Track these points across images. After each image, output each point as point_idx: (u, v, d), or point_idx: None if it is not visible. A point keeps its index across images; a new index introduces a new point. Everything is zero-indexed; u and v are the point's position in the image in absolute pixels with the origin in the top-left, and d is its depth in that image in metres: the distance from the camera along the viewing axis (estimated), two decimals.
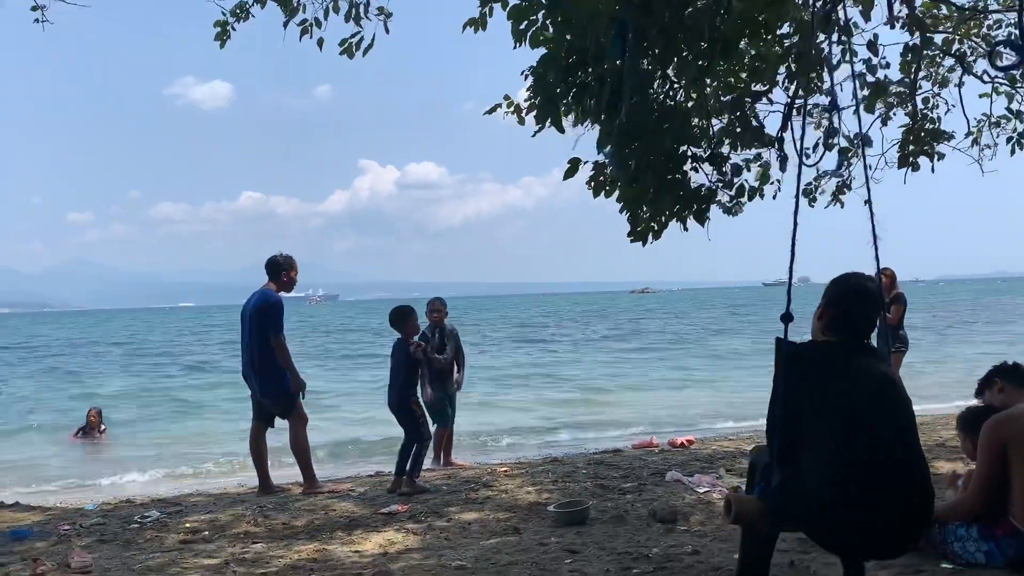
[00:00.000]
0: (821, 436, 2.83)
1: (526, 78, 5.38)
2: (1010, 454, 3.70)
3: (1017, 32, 4.18)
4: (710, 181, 5.72)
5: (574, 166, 5.28)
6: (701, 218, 5.56)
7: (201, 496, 7.36)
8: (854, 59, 6.11)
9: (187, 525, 5.96)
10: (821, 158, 5.96)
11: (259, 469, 7.25)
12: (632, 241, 5.65)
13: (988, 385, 4.23)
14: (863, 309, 3.05)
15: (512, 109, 5.99)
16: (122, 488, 8.84)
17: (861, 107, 5.50)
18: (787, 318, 2.95)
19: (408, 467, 6.81)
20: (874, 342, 3.31)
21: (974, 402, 4.47)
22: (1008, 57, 5.33)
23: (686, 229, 5.61)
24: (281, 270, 7.32)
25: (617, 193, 5.43)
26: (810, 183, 8.07)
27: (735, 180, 5.77)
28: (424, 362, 7.23)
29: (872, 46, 6.10)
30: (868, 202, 3.25)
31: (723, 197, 5.76)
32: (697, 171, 5.67)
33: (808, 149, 6.16)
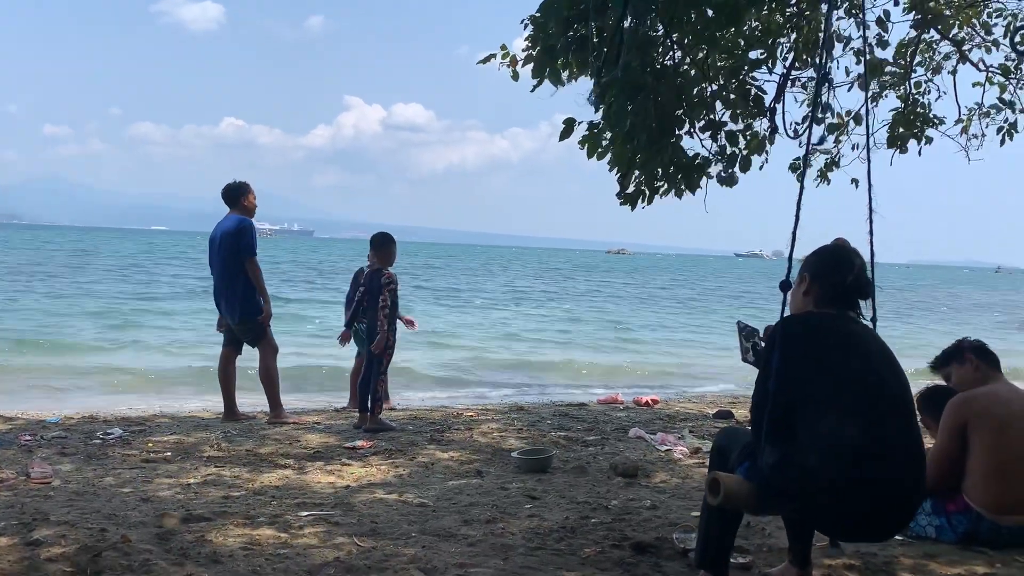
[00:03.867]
0: (823, 412, 2.67)
1: (525, 27, 5.26)
2: (970, 433, 3.79)
3: None
4: (705, 148, 5.65)
5: (569, 126, 5.17)
6: (693, 186, 5.49)
7: (166, 418, 7.36)
8: (858, 35, 6.08)
9: (151, 445, 5.97)
10: (808, 129, 5.95)
11: (225, 395, 7.24)
12: (621, 204, 5.56)
13: (958, 359, 4.15)
14: (855, 279, 2.94)
15: (508, 60, 5.82)
16: (84, 403, 8.80)
17: (858, 84, 5.51)
18: (786, 286, 2.89)
19: (369, 404, 6.84)
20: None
21: (931, 381, 4.49)
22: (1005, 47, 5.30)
23: (680, 197, 5.53)
24: (240, 195, 7.27)
25: (607, 159, 5.34)
26: (797, 157, 8.07)
27: (730, 149, 5.70)
28: (393, 295, 7.01)
29: (882, 22, 6.05)
30: (868, 177, 3.24)
31: (717, 167, 5.68)
32: (692, 136, 5.60)
33: (797, 123, 6.15)
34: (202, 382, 9.84)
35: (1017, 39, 3.81)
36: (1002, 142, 8.09)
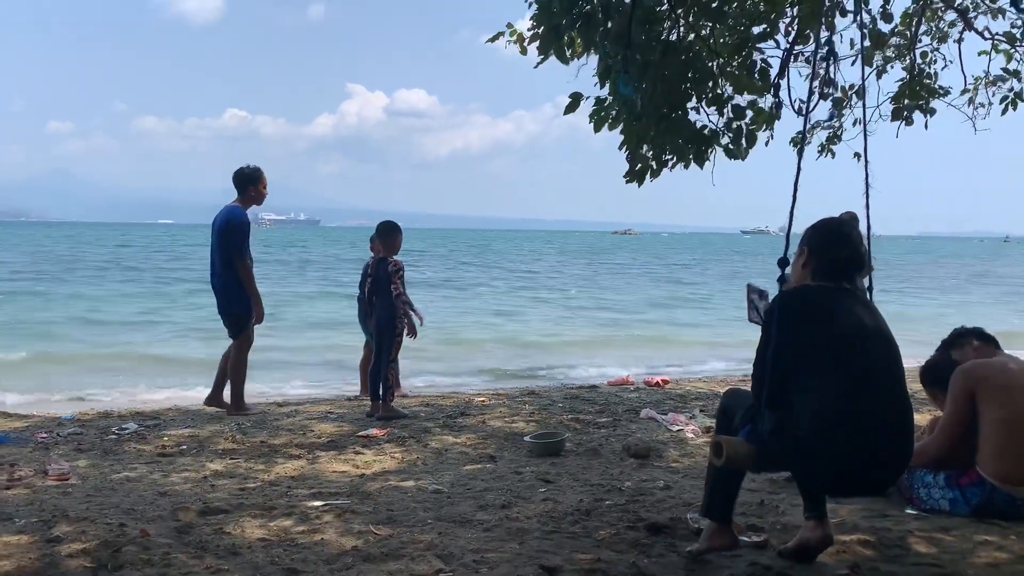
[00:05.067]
0: (817, 379, 2.85)
1: (530, 6, 5.26)
2: (979, 403, 3.80)
3: None
4: (712, 123, 5.66)
5: (575, 101, 5.18)
6: (701, 159, 5.50)
7: (179, 411, 7.40)
8: (862, 8, 6.02)
9: (166, 439, 6.00)
10: (815, 106, 5.93)
11: (233, 387, 7.19)
12: (628, 182, 5.59)
13: (960, 345, 4.26)
14: (851, 252, 3.06)
15: (515, 38, 5.86)
16: (98, 399, 8.86)
17: (862, 57, 5.48)
18: (784, 263, 2.98)
19: (381, 392, 6.86)
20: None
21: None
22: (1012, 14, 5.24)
23: (687, 168, 5.56)
24: (248, 183, 7.16)
25: (619, 129, 5.35)
26: (800, 131, 8.02)
27: (736, 123, 5.70)
28: (403, 282, 7.05)
29: None
30: (865, 151, 3.25)
31: (725, 139, 5.69)
32: (699, 112, 5.60)
33: (802, 100, 6.12)
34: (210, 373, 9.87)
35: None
36: (1004, 110, 8.04)
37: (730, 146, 5.65)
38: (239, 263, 6.92)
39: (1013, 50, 8.21)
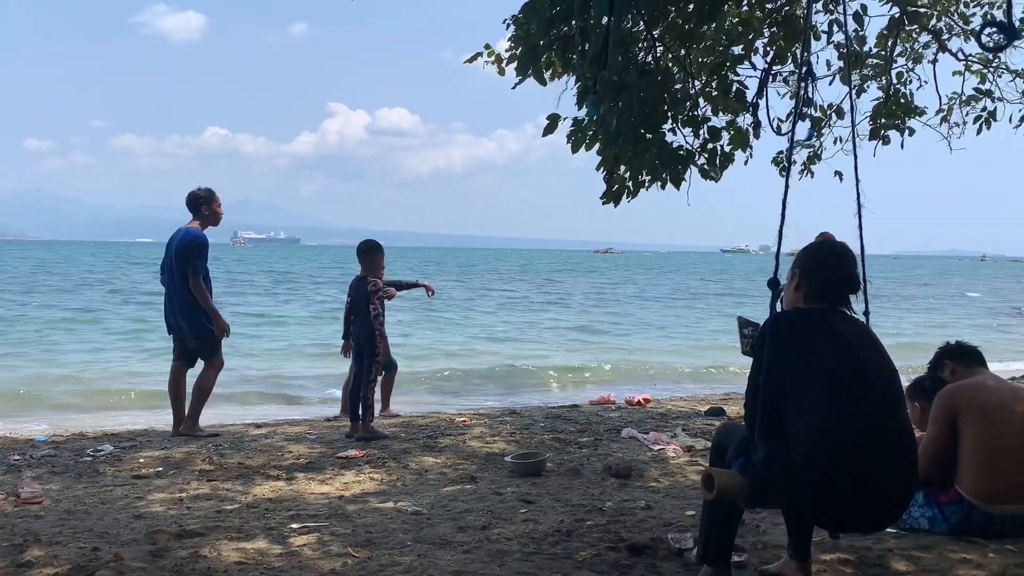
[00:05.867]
0: (810, 406, 2.75)
1: (508, 27, 5.29)
2: (960, 424, 3.82)
3: (1004, 11, 4.20)
4: (687, 143, 5.71)
5: (553, 122, 5.20)
6: (677, 180, 5.53)
7: (155, 433, 7.30)
8: (838, 29, 6.13)
9: (141, 460, 5.92)
10: (794, 125, 6.01)
11: (176, 409, 7.06)
12: (604, 203, 5.62)
13: (939, 368, 4.29)
14: (844, 274, 3.01)
15: (493, 59, 5.90)
16: (73, 420, 8.73)
17: (840, 77, 5.56)
18: (774, 284, 2.94)
19: (361, 412, 6.80)
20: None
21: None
22: (991, 37, 5.30)
23: (663, 188, 5.59)
24: (201, 204, 7.09)
25: (596, 149, 5.38)
26: (780, 152, 8.12)
27: (711, 144, 5.75)
28: (382, 303, 7.00)
29: (859, 17, 6.10)
30: (856, 171, 3.26)
31: (701, 160, 5.74)
32: (676, 132, 5.65)
33: (780, 120, 6.21)
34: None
35: (984, 37, 3.88)
36: (979, 131, 8.17)
37: (705, 167, 5.70)
38: (193, 280, 6.82)
39: (986, 70, 8.36)
